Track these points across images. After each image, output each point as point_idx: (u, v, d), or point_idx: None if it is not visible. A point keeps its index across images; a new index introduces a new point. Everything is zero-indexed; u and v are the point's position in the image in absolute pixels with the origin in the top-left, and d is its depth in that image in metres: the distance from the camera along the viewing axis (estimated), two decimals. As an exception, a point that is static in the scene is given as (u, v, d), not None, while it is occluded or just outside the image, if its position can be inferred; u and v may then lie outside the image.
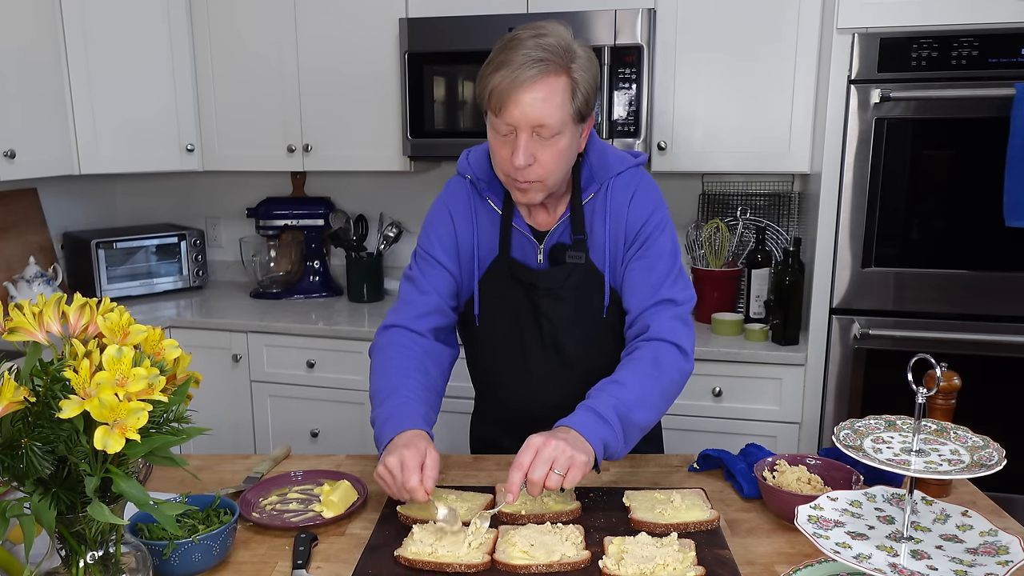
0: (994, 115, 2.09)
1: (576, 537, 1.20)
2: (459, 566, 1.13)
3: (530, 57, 1.28)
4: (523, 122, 1.30)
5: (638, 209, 1.47)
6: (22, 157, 2.55)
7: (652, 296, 1.44)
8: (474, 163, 1.52)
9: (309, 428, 2.73)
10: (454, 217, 1.52)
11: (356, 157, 2.83)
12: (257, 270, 3.15)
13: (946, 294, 2.22)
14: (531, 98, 1.28)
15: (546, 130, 1.31)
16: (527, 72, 1.28)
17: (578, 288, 1.48)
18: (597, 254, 1.48)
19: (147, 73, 2.87)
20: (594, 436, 1.26)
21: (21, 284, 2.78)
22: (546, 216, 1.50)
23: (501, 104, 1.29)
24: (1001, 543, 0.94)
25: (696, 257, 2.75)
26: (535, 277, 1.47)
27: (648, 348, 1.40)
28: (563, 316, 1.49)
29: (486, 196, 1.50)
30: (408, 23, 2.59)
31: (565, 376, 1.51)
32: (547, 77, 1.29)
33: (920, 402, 0.96)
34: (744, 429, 2.38)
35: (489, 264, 1.50)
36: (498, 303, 1.51)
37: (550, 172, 1.36)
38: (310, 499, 1.37)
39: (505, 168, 1.37)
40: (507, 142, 1.34)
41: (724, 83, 2.48)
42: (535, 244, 1.49)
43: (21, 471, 0.86)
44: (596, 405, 1.30)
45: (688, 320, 1.46)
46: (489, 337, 1.54)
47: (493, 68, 1.30)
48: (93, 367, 0.85)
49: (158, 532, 1.14)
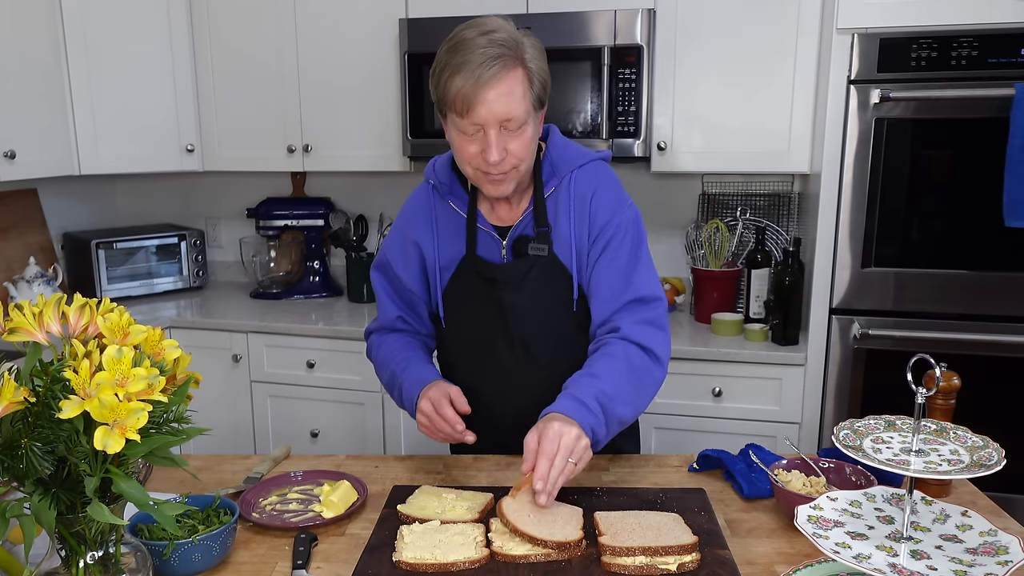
0: (994, 115, 2.09)
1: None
2: (463, 563, 1.14)
3: (488, 55, 1.30)
4: (490, 119, 1.32)
5: (601, 205, 1.47)
6: (22, 157, 2.55)
7: (620, 297, 1.44)
8: (439, 170, 1.55)
9: (309, 428, 2.73)
10: (413, 230, 1.56)
11: (356, 157, 2.83)
12: (257, 270, 3.15)
13: (946, 294, 2.22)
14: (495, 95, 1.31)
15: (513, 123, 1.34)
16: (488, 71, 1.30)
17: (541, 280, 1.48)
18: (563, 248, 1.48)
19: (147, 73, 2.87)
20: (584, 423, 1.28)
21: (21, 284, 2.78)
22: (508, 211, 1.51)
23: (468, 106, 1.32)
24: (1001, 543, 0.94)
25: (696, 257, 2.75)
26: (496, 271, 1.48)
27: (619, 346, 1.40)
28: (526, 309, 1.49)
29: (447, 199, 1.53)
30: (408, 23, 2.59)
31: (533, 372, 1.51)
32: (506, 72, 1.31)
33: (920, 402, 0.96)
34: (744, 429, 2.38)
35: (456, 265, 1.52)
36: (463, 302, 1.53)
37: (522, 159, 1.39)
38: (310, 499, 1.37)
39: (475, 164, 1.38)
40: (475, 140, 1.36)
41: (724, 83, 2.48)
42: (498, 240, 1.50)
43: (21, 471, 0.86)
44: (579, 394, 1.32)
45: (662, 323, 1.45)
46: (456, 337, 1.57)
47: (451, 72, 1.31)
48: (93, 367, 0.85)
49: (158, 532, 1.14)
